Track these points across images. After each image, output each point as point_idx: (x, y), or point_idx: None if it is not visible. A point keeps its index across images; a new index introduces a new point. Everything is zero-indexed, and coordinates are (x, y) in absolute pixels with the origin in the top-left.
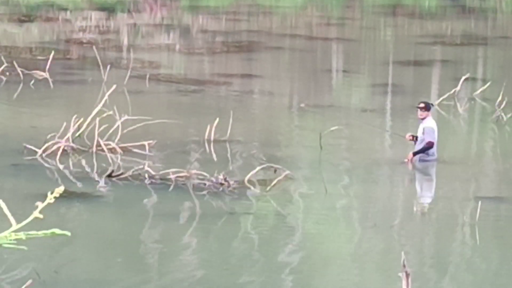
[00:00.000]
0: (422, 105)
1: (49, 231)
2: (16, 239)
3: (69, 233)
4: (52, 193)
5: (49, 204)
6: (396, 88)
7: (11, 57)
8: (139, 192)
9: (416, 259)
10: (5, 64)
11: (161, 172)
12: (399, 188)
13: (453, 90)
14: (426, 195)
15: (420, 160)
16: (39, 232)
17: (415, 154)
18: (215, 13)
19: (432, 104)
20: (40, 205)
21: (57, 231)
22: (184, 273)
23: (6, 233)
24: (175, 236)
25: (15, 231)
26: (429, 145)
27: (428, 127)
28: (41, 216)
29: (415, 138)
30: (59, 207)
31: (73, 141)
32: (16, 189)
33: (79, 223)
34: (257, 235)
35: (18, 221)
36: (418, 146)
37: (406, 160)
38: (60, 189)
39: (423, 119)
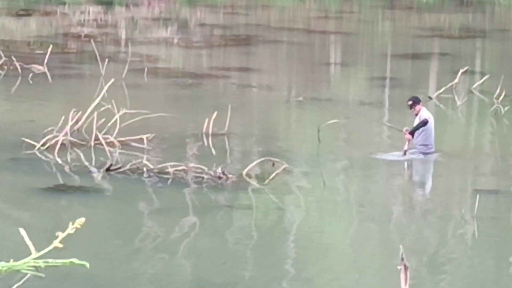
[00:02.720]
0: (410, 102)
1: (67, 261)
2: (34, 266)
3: (87, 264)
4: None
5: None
6: (394, 81)
7: (10, 51)
8: (138, 185)
9: (415, 252)
10: (4, 58)
11: (159, 166)
12: (397, 181)
13: (451, 83)
14: (424, 188)
15: (419, 153)
16: (58, 261)
17: (411, 132)
18: (213, 7)
19: (420, 97)
20: (61, 235)
21: (76, 261)
22: (183, 266)
23: (26, 260)
24: (174, 229)
25: (35, 259)
26: (424, 121)
27: (423, 117)
28: (61, 245)
29: (412, 136)
30: (58, 200)
31: (71, 135)
32: (15, 183)
33: (77, 216)
34: (255, 228)
35: (17, 215)
36: (417, 138)
37: (405, 147)
38: (81, 220)
39: (417, 114)
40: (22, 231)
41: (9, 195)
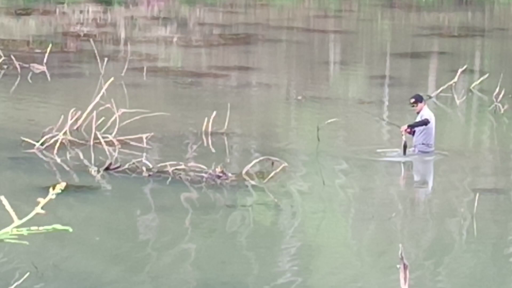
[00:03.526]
0: (412, 100)
1: (50, 227)
2: (17, 235)
3: (70, 229)
4: (53, 189)
5: (46, 197)
6: (394, 80)
7: (9, 51)
8: (137, 185)
9: (414, 251)
10: (3, 58)
11: (158, 165)
12: (396, 180)
13: (450, 82)
14: (424, 186)
15: (418, 152)
16: (41, 228)
17: (409, 126)
18: (212, 6)
19: (423, 96)
20: (42, 201)
21: (58, 226)
22: (181, 265)
23: (8, 228)
24: (173, 229)
25: (17, 227)
26: (425, 121)
27: (425, 117)
28: (43, 212)
29: (412, 131)
30: (57, 199)
31: (70, 134)
32: (14, 182)
33: (76, 215)
34: (254, 227)
35: (16, 213)
36: (417, 137)
37: (401, 130)
38: (62, 185)
39: (418, 112)
40: (3, 199)
41: (8, 194)
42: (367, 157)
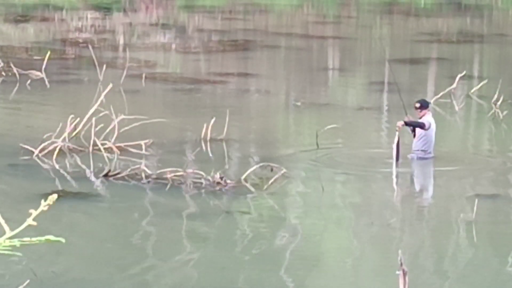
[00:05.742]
0: (417, 105)
1: (43, 238)
2: (10, 246)
3: (63, 240)
4: (45, 200)
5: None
6: (393, 86)
7: (7, 57)
8: (136, 191)
9: (414, 257)
10: (1, 64)
11: (157, 172)
12: (396, 186)
13: (449, 88)
14: (423, 193)
15: (417, 158)
16: (34, 239)
17: (406, 123)
18: (211, 12)
19: (428, 102)
20: (34, 212)
21: (52, 237)
22: (181, 272)
23: (0, 240)
24: (172, 236)
25: (9, 238)
26: (422, 125)
27: (426, 121)
28: (34, 223)
29: (413, 134)
30: (55, 207)
31: (69, 141)
32: (13, 189)
33: (75, 222)
34: (253, 234)
35: (15, 221)
36: (416, 143)
37: (397, 127)
38: (54, 196)
39: (420, 118)
40: None
41: (6, 202)
42: (367, 163)
